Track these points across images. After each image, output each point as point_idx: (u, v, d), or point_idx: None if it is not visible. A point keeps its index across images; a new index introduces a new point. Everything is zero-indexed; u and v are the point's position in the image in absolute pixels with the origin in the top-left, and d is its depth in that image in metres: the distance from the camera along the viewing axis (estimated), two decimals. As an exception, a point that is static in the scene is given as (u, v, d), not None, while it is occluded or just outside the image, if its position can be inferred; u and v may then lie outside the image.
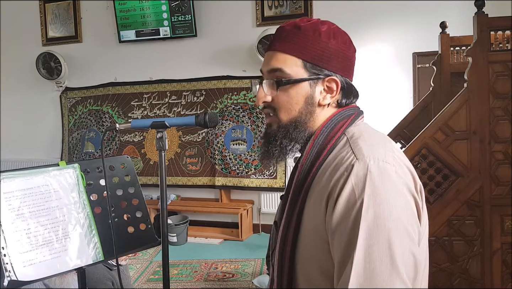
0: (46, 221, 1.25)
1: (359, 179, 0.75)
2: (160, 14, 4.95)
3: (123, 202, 1.42)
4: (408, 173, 0.80)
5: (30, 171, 1.28)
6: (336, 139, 0.85)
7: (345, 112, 0.90)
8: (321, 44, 0.88)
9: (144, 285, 3.60)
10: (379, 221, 0.73)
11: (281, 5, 4.68)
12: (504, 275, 2.07)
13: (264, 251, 3.48)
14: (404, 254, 0.73)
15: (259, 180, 4.76)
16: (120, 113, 5.31)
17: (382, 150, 0.80)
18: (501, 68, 2.03)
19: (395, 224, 0.73)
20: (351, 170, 0.76)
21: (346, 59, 0.90)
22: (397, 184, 0.76)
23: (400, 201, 0.75)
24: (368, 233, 0.72)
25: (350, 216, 0.74)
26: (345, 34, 0.93)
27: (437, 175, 2.10)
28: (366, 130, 0.87)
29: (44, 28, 5.56)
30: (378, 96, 4.33)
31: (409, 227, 0.75)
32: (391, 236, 0.72)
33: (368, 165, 0.76)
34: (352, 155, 0.79)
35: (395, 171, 0.77)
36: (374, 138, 0.84)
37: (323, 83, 0.89)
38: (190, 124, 1.22)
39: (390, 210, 0.73)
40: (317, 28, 0.88)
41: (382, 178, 0.75)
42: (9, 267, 1.14)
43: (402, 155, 0.84)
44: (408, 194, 0.77)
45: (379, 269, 0.71)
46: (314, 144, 0.86)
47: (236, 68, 4.90)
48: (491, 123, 2.05)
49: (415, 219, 0.78)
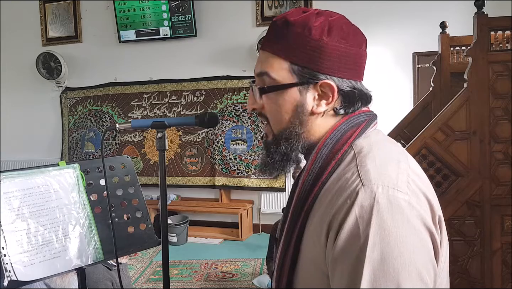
0: (46, 221, 1.25)
1: (365, 210, 0.64)
2: (160, 14, 4.95)
3: (123, 202, 1.42)
4: (425, 202, 0.68)
5: (30, 171, 1.28)
6: (342, 154, 0.72)
7: (354, 120, 0.76)
8: (311, 43, 0.73)
9: (144, 285, 3.60)
10: (387, 263, 0.62)
11: (281, 5, 4.68)
12: (504, 275, 2.07)
13: (264, 251, 3.48)
14: None
15: (259, 180, 4.76)
16: (120, 113, 5.31)
17: (394, 173, 0.68)
18: (501, 68, 2.03)
19: (406, 267, 0.62)
20: (355, 198, 0.65)
21: (346, 58, 0.74)
22: (409, 217, 0.64)
23: (412, 239, 0.63)
24: (373, 278, 0.61)
25: (353, 253, 0.63)
26: (347, 26, 0.76)
27: (437, 175, 2.10)
28: (377, 144, 0.74)
29: (44, 28, 5.56)
30: (378, 96, 4.31)
31: (423, 270, 0.63)
32: (400, 280, 0.61)
33: (376, 193, 0.64)
34: (358, 179, 0.67)
35: (408, 201, 0.65)
36: (386, 155, 0.72)
37: (316, 88, 0.75)
38: (190, 124, 1.22)
39: (400, 250, 0.62)
40: (307, 23, 0.74)
41: (391, 210, 0.63)
42: (9, 267, 1.14)
43: (420, 177, 0.71)
44: (423, 229, 0.65)
45: None
46: (317, 159, 0.74)
47: (236, 68, 4.89)
48: (491, 123, 2.05)
49: (430, 259, 0.66)
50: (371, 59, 4.23)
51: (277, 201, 4.77)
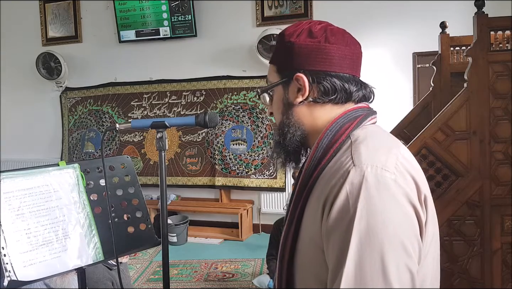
0: (46, 221, 1.25)
1: (354, 187, 0.70)
2: (160, 14, 4.95)
3: (123, 202, 1.42)
4: (411, 182, 0.74)
5: (30, 171, 1.28)
6: (340, 142, 0.80)
7: (352, 114, 0.84)
8: (284, 45, 0.87)
9: (144, 285, 3.60)
10: (372, 233, 0.68)
11: (281, 5, 4.68)
12: (504, 275, 2.07)
13: (264, 251, 3.48)
14: (399, 270, 0.68)
15: (259, 180, 4.76)
16: (120, 113, 5.31)
17: (383, 156, 0.74)
18: (501, 68, 2.03)
19: (390, 236, 0.68)
20: (346, 177, 0.72)
21: (318, 52, 0.83)
22: (395, 194, 0.70)
23: (397, 213, 0.70)
24: (360, 245, 0.68)
25: (343, 225, 0.70)
26: (319, 28, 0.86)
27: (437, 175, 2.10)
28: (372, 134, 0.82)
29: (44, 28, 5.56)
30: (378, 96, 4.30)
31: (406, 240, 0.69)
32: (385, 250, 0.67)
33: (365, 172, 0.71)
34: (350, 161, 0.74)
35: (394, 180, 0.71)
36: (379, 142, 0.79)
37: (295, 83, 0.85)
38: (190, 124, 1.22)
39: (384, 222, 0.68)
40: (284, 32, 0.88)
41: (378, 187, 0.70)
42: (9, 267, 1.14)
43: (409, 162, 0.77)
44: (408, 205, 0.71)
45: (370, 283, 0.67)
46: (318, 148, 0.81)
47: (236, 68, 4.90)
48: (491, 123, 2.05)
49: (415, 234, 0.72)
50: (372, 59, 4.25)
51: (277, 201, 4.77)
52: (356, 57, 0.88)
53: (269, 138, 4.74)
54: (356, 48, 0.89)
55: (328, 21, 0.90)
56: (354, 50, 0.88)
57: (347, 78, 0.86)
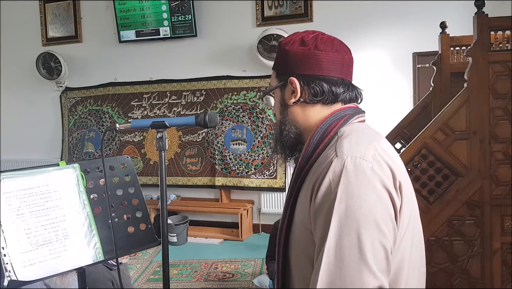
0: (46, 221, 1.25)
1: (336, 174, 0.80)
2: (160, 14, 4.95)
3: (123, 202, 1.42)
4: (387, 169, 0.83)
5: (30, 171, 1.28)
6: (329, 138, 0.90)
7: (340, 113, 0.94)
8: (280, 53, 0.99)
9: (144, 285, 3.60)
10: (350, 213, 0.77)
11: (281, 5, 4.68)
12: (504, 275, 2.07)
13: (264, 251, 3.48)
14: (374, 246, 0.76)
15: (259, 180, 4.76)
16: (120, 113, 5.31)
17: (363, 147, 0.84)
18: (501, 68, 2.03)
19: (365, 217, 0.77)
20: (329, 166, 0.82)
21: (308, 58, 0.94)
22: (371, 179, 0.80)
23: (372, 196, 0.79)
24: (339, 224, 0.77)
25: (326, 207, 0.80)
26: (310, 37, 0.96)
27: (437, 175, 2.10)
28: (357, 130, 0.91)
29: (44, 28, 5.56)
30: (378, 96, 4.32)
31: (380, 220, 0.78)
32: (361, 228, 0.77)
33: (345, 161, 0.81)
34: (334, 153, 0.84)
35: (371, 168, 0.81)
36: (361, 136, 0.89)
37: (290, 86, 0.97)
38: (190, 124, 1.22)
39: (361, 204, 0.78)
40: (282, 41, 1.00)
41: (356, 174, 0.80)
42: (9, 267, 1.14)
43: (387, 153, 0.86)
44: (382, 190, 0.80)
45: (348, 259, 0.76)
46: (310, 144, 0.91)
47: (236, 68, 4.90)
48: (491, 123, 2.05)
49: (389, 215, 0.81)
50: (372, 59, 4.24)
51: (277, 201, 4.77)
52: (345, 62, 0.98)
53: (269, 138, 4.74)
54: (345, 54, 0.98)
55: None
56: (343, 56, 0.97)
57: (335, 81, 0.96)
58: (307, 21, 4.59)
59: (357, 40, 4.44)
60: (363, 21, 4.43)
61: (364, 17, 4.44)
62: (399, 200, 0.83)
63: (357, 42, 4.43)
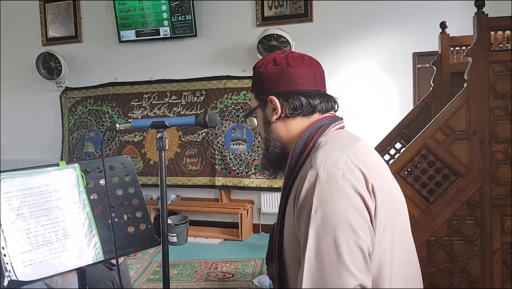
0: (46, 221, 1.25)
1: (311, 184, 0.87)
2: (160, 14, 4.95)
3: (123, 202, 1.42)
4: (359, 174, 0.88)
5: (30, 171, 1.28)
6: (309, 149, 0.97)
7: (318, 124, 1.01)
8: (256, 75, 1.06)
9: (144, 285, 3.60)
10: (325, 220, 0.83)
11: (281, 5, 4.68)
12: (504, 275, 2.07)
13: (264, 251, 3.48)
14: (350, 248, 0.82)
15: (259, 180, 4.76)
16: (120, 113, 5.31)
17: (335, 155, 0.90)
18: (501, 68, 2.03)
19: (340, 222, 0.83)
20: (305, 177, 0.88)
21: (282, 76, 1.01)
22: (343, 186, 0.85)
23: (344, 201, 0.84)
24: (317, 231, 0.83)
25: (304, 216, 0.86)
26: (282, 57, 1.03)
27: (437, 175, 2.10)
28: (333, 138, 0.97)
29: (44, 28, 5.56)
30: (378, 96, 4.33)
31: (355, 224, 0.83)
32: (336, 233, 0.82)
33: (318, 171, 0.87)
34: (309, 164, 0.91)
35: (342, 174, 0.86)
36: (335, 145, 0.94)
37: (269, 104, 1.03)
38: (190, 124, 1.22)
39: (334, 210, 0.83)
40: (256, 65, 1.07)
41: (329, 182, 0.85)
42: (9, 267, 1.14)
43: (359, 158, 0.91)
44: (354, 194, 0.85)
45: (327, 262, 0.81)
46: (293, 156, 0.98)
47: (236, 68, 4.89)
48: (491, 123, 2.05)
49: (362, 217, 0.85)
50: (372, 59, 4.23)
51: (277, 201, 4.77)
52: (318, 75, 1.04)
53: (269, 138, 4.74)
54: (316, 68, 1.04)
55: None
56: (314, 70, 1.04)
57: (310, 93, 1.02)
58: (307, 21, 4.59)
59: (357, 40, 4.44)
60: (363, 21, 4.43)
61: (364, 17, 4.44)
62: (372, 202, 0.87)
63: (357, 42, 4.44)
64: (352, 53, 4.48)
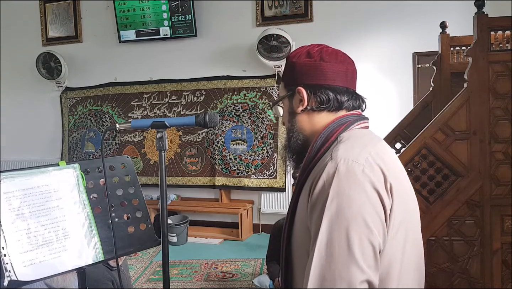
0: (46, 221, 1.25)
1: (329, 176, 0.86)
2: (160, 14, 4.95)
3: (123, 202, 1.42)
4: (378, 172, 0.88)
5: (30, 171, 1.28)
6: (330, 143, 0.96)
7: (342, 120, 1.00)
8: (288, 65, 1.06)
9: (144, 285, 3.60)
10: (340, 212, 0.83)
11: (281, 5, 4.68)
12: (504, 275, 2.07)
13: (264, 251, 3.48)
14: (362, 243, 0.82)
15: (259, 180, 4.76)
16: (120, 113, 5.31)
17: (357, 151, 0.90)
18: (501, 68, 2.03)
19: (354, 215, 0.83)
20: (324, 168, 0.88)
21: (314, 69, 1.01)
22: (361, 181, 0.85)
23: (361, 196, 0.84)
24: (330, 222, 0.83)
25: (319, 206, 0.86)
26: (316, 50, 1.03)
27: (437, 175, 2.10)
28: (356, 135, 0.97)
29: (44, 28, 5.56)
30: (378, 96, 4.33)
31: (368, 218, 0.83)
32: (350, 226, 0.82)
33: (338, 164, 0.87)
34: (329, 156, 0.90)
35: (362, 170, 0.86)
36: (358, 141, 0.94)
37: (297, 95, 1.03)
38: (190, 124, 1.22)
39: (350, 203, 0.83)
40: (290, 54, 1.07)
41: (347, 175, 0.85)
42: (9, 267, 1.14)
43: (381, 157, 0.91)
44: (371, 191, 0.85)
45: (337, 254, 0.81)
46: (313, 148, 0.98)
47: (236, 68, 4.89)
48: (491, 123, 2.05)
49: (378, 215, 0.85)
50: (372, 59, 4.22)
51: (277, 201, 4.77)
52: (349, 73, 1.03)
53: (269, 138, 4.74)
54: (349, 65, 1.04)
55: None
56: (347, 67, 1.03)
57: (339, 90, 1.01)
58: (307, 21, 4.59)
59: (357, 40, 4.44)
60: (363, 21, 4.43)
61: (364, 17, 4.44)
62: (389, 201, 0.87)
63: (357, 42, 4.43)
64: (352, 53, 4.40)
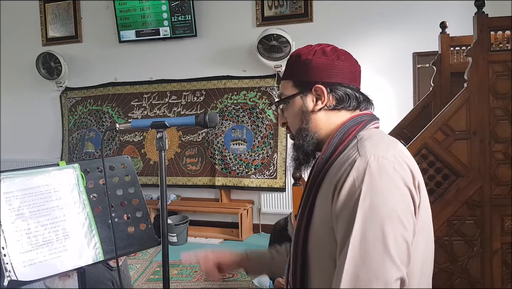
0: (46, 221, 1.25)
1: (360, 172, 0.84)
2: (160, 14, 4.95)
3: (123, 202, 1.42)
4: (407, 169, 0.87)
5: (30, 171, 1.28)
6: (348, 141, 0.94)
7: (359, 118, 1.00)
8: (299, 63, 1.03)
9: (144, 285, 3.60)
10: (374, 208, 0.81)
11: (281, 5, 4.68)
12: (504, 275, 2.07)
13: (264, 251, 3.47)
14: (397, 239, 0.81)
15: (259, 180, 4.76)
16: (120, 113, 5.31)
17: (384, 148, 0.89)
18: (501, 68, 2.03)
19: (389, 212, 0.82)
20: (353, 165, 0.86)
21: (332, 68, 1.00)
22: (393, 177, 0.84)
23: (395, 192, 0.83)
24: (364, 219, 0.81)
25: (350, 204, 0.83)
26: (330, 49, 1.03)
27: (437, 175, 2.10)
28: (376, 134, 0.97)
29: (44, 28, 5.56)
30: (378, 96, 4.31)
31: (403, 215, 0.83)
32: (385, 222, 0.81)
33: (369, 160, 0.85)
34: (356, 152, 0.88)
35: (393, 166, 0.85)
36: (381, 139, 0.94)
37: (313, 93, 1.00)
38: (190, 124, 1.22)
39: (384, 200, 0.82)
40: (299, 52, 1.04)
41: (379, 172, 0.84)
42: (9, 267, 1.14)
43: (405, 155, 0.91)
44: (403, 187, 0.85)
45: (372, 251, 0.80)
46: (329, 146, 0.96)
47: (236, 68, 4.90)
48: (491, 123, 2.05)
49: (409, 210, 0.85)
50: (372, 59, 4.22)
51: (277, 201, 4.77)
52: (358, 73, 1.05)
53: (269, 138, 4.74)
54: (357, 66, 1.06)
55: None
56: (356, 67, 1.05)
57: (356, 89, 1.02)
58: (307, 21, 4.59)
59: (357, 40, 4.44)
60: (363, 21, 4.43)
61: (364, 17, 4.44)
62: (418, 198, 0.88)
63: (357, 42, 4.43)
64: (352, 53, 4.38)
